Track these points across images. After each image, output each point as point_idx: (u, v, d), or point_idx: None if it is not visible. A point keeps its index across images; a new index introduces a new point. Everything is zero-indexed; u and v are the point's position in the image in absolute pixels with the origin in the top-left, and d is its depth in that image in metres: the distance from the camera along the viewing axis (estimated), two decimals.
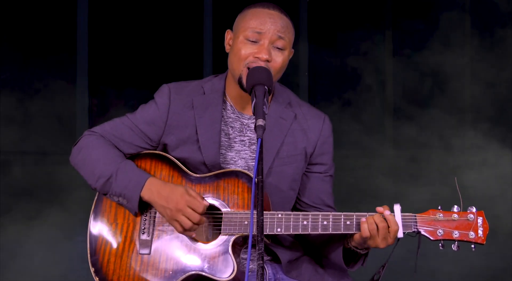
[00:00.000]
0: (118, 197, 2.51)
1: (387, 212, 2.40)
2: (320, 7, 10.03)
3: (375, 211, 2.43)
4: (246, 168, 2.62)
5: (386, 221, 2.39)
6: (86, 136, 2.63)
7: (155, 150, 2.65)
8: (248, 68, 2.52)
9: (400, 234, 2.40)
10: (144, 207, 2.53)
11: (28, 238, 6.48)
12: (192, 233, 2.47)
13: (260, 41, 2.54)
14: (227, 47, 2.65)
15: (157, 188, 2.48)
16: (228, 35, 2.65)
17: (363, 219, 2.40)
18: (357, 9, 10.24)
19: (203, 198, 2.47)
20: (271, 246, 2.60)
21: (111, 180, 2.51)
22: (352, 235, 2.46)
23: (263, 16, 2.56)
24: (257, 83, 2.40)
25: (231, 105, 2.67)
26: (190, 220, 2.43)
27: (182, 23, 9.01)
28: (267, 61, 2.52)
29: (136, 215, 2.53)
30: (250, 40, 2.54)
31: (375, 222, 2.39)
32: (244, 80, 2.52)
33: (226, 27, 2.68)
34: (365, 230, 2.39)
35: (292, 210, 2.70)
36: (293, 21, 2.64)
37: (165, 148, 2.66)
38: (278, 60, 2.55)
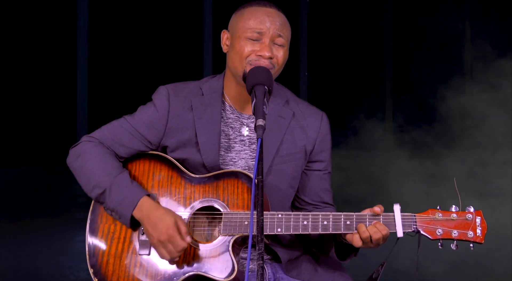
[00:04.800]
0: (111, 212, 2.51)
1: (380, 220, 2.42)
2: (320, 7, 10.02)
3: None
4: (247, 168, 2.62)
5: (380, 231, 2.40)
6: (84, 142, 2.61)
7: (155, 151, 2.65)
8: (252, 65, 2.53)
9: (399, 234, 2.40)
10: (137, 223, 2.52)
11: (28, 238, 6.48)
12: (172, 262, 2.47)
13: (261, 39, 2.55)
14: (224, 48, 2.65)
15: (148, 210, 2.47)
16: (225, 35, 2.65)
17: (355, 231, 2.41)
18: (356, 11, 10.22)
19: (189, 233, 2.45)
20: (271, 245, 2.60)
21: (105, 194, 2.50)
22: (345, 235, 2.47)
23: (262, 15, 2.57)
24: (257, 83, 2.40)
25: (230, 106, 2.67)
26: (168, 255, 2.44)
27: (182, 23, 9.00)
28: (270, 58, 2.53)
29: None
30: (251, 39, 2.55)
31: (370, 235, 2.41)
32: None
33: (226, 27, 2.68)
34: (357, 240, 2.42)
35: (290, 207, 2.71)
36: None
37: (164, 150, 2.65)
38: (280, 55, 2.57)
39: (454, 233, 2.40)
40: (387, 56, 11.22)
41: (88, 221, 2.55)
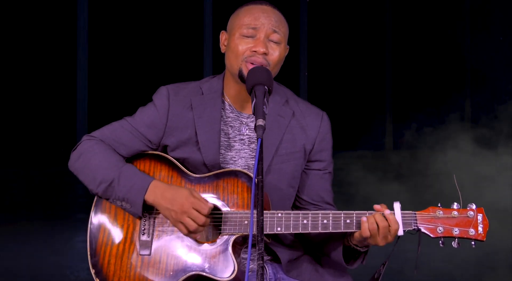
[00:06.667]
0: (121, 202, 2.50)
1: (387, 211, 2.39)
2: (320, 7, 10.02)
3: (373, 210, 2.42)
4: (246, 167, 2.62)
5: (387, 220, 2.38)
6: (85, 141, 2.62)
7: (155, 151, 2.65)
8: (247, 62, 2.52)
9: (400, 232, 2.39)
10: (147, 210, 2.52)
11: (28, 238, 6.49)
12: (196, 235, 2.46)
13: (256, 35, 2.55)
14: (222, 48, 2.65)
15: (161, 190, 2.48)
16: (223, 36, 2.65)
17: (364, 218, 2.39)
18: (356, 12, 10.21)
19: (206, 200, 2.46)
20: (272, 246, 2.60)
21: (114, 184, 2.50)
22: (352, 233, 2.46)
23: (257, 12, 2.58)
24: (257, 83, 2.39)
25: (229, 105, 2.67)
26: (196, 222, 2.43)
27: (182, 23, 9.00)
28: (265, 54, 2.52)
29: (139, 218, 2.53)
30: (246, 36, 2.55)
31: (376, 222, 2.39)
32: (245, 73, 2.52)
33: (226, 27, 2.68)
34: (366, 229, 2.39)
35: (291, 207, 2.70)
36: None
37: (164, 149, 2.65)
38: (275, 53, 2.56)
39: (455, 231, 2.38)
40: (387, 55, 11.22)
41: (90, 222, 2.55)
